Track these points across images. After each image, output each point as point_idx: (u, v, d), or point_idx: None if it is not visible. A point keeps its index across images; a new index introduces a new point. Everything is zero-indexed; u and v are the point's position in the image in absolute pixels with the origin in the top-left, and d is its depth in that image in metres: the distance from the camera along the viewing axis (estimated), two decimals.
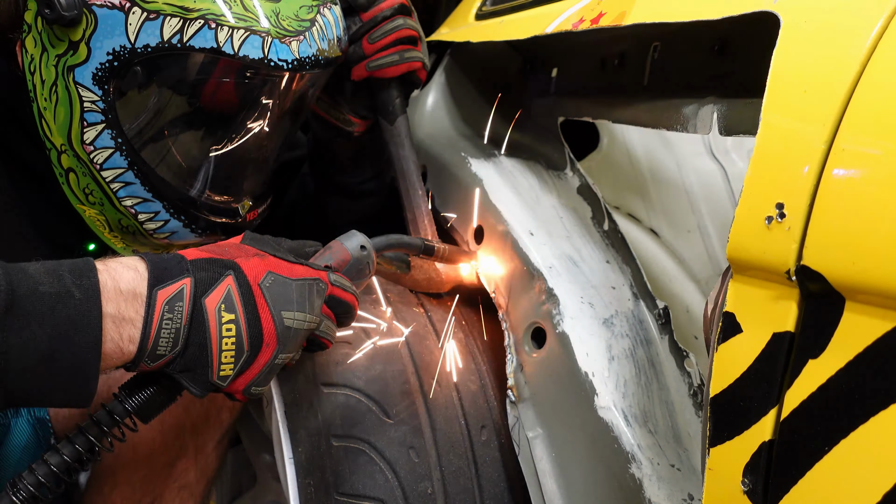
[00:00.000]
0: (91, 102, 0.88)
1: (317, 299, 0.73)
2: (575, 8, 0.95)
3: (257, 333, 0.69)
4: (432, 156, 1.17)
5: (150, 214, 0.96)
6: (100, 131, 0.89)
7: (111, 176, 0.92)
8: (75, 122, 0.89)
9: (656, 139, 1.42)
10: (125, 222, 0.97)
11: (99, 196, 0.94)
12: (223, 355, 0.68)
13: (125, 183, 0.92)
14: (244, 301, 0.68)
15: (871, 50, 0.51)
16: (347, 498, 0.84)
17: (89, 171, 0.91)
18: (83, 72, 0.86)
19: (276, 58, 0.87)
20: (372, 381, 0.91)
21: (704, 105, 0.86)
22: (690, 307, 1.14)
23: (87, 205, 0.96)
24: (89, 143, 0.90)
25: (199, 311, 0.67)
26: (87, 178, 0.93)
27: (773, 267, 0.53)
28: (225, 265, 0.70)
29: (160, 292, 0.66)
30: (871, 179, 0.49)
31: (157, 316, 0.65)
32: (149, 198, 0.94)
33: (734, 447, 0.57)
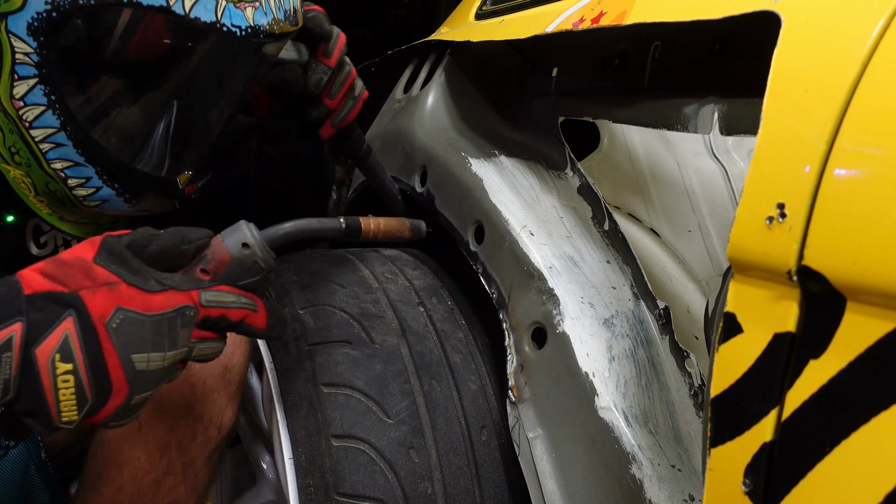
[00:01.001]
0: (24, 54, 0.81)
1: (181, 330, 0.66)
2: (575, 8, 0.95)
3: (103, 381, 0.62)
4: (432, 155, 1.17)
5: (80, 180, 0.89)
6: (31, 86, 0.82)
7: (41, 136, 0.85)
8: (4, 75, 0.82)
9: (657, 139, 1.42)
10: (53, 186, 0.90)
11: (26, 156, 0.87)
12: (62, 405, 0.61)
13: (56, 144, 0.86)
14: (85, 347, 0.61)
15: (872, 49, 0.51)
16: (347, 498, 0.84)
17: (17, 128, 0.85)
18: (17, 20, 0.80)
19: (230, 23, 0.83)
20: (372, 380, 0.91)
21: (705, 105, 0.86)
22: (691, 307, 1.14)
23: (13, 165, 0.89)
24: (19, 98, 0.83)
25: (29, 362, 0.59)
26: (15, 136, 0.86)
27: (773, 267, 0.53)
28: (66, 303, 0.61)
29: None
30: (872, 179, 0.49)
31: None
32: (81, 162, 0.88)
33: (735, 448, 0.57)
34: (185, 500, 0.96)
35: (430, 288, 1.09)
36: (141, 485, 0.91)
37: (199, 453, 0.95)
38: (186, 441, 0.94)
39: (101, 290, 0.62)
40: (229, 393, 0.95)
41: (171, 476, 0.94)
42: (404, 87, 1.42)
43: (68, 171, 0.88)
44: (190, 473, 0.96)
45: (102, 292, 0.62)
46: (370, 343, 0.94)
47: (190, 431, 0.93)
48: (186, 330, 0.66)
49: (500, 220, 0.97)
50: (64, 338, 0.60)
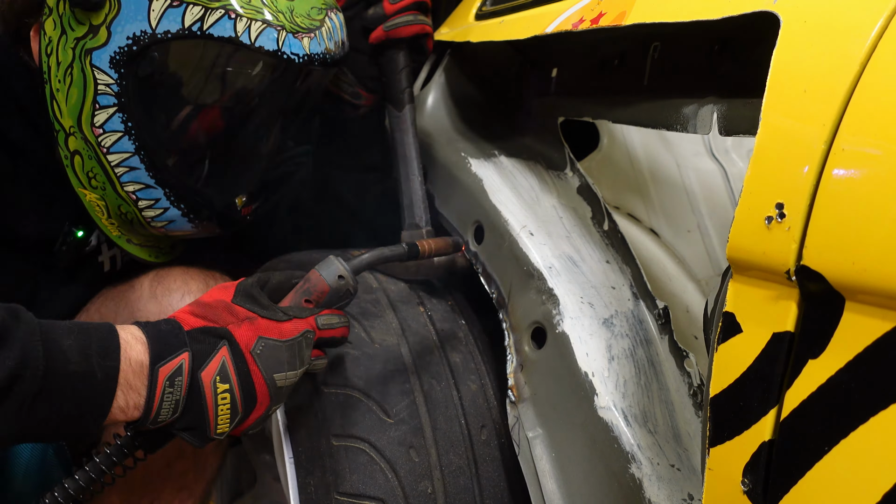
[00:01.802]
0: (105, 85, 0.90)
1: (306, 350, 0.78)
2: (575, 8, 0.95)
3: (251, 397, 0.74)
4: (432, 155, 1.17)
5: (150, 201, 0.97)
6: (111, 114, 0.91)
7: (117, 160, 0.94)
8: (87, 105, 0.91)
9: (656, 139, 1.42)
10: (124, 209, 0.99)
11: (102, 180, 0.96)
12: (219, 419, 0.73)
13: (130, 168, 0.94)
14: (238, 370, 0.73)
15: (871, 50, 0.51)
16: (348, 497, 0.84)
17: (95, 154, 0.94)
18: (101, 55, 0.89)
19: (290, 51, 0.91)
20: (372, 380, 0.91)
21: (704, 105, 0.86)
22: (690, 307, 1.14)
23: (89, 189, 0.98)
24: (99, 125, 0.92)
25: (196, 384, 0.72)
26: (93, 162, 0.95)
27: (772, 267, 0.53)
28: (219, 335, 0.74)
29: (161, 369, 0.70)
30: (871, 180, 0.49)
31: (160, 390, 0.70)
32: (151, 184, 0.96)
33: (734, 447, 0.57)
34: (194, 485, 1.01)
35: (430, 288, 1.09)
36: (152, 467, 0.95)
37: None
38: None
39: (244, 323, 0.75)
40: None
41: (182, 460, 0.99)
42: None
43: (139, 194, 0.96)
44: (200, 458, 1.00)
45: (245, 325, 0.74)
46: (370, 343, 0.94)
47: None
48: (308, 350, 0.78)
49: (500, 220, 0.97)
50: (222, 363, 0.73)
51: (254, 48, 0.89)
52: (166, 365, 0.70)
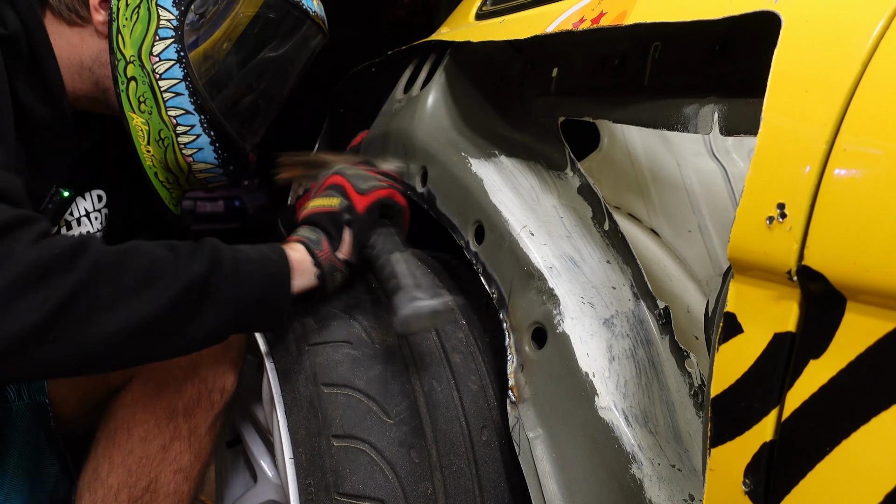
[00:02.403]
0: (167, 20, 1.07)
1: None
2: (575, 8, 0.95)
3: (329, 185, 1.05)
4: (432, 155, 1.17)
5: (186, 127, 1.12)
6: (167, 45, 1.08)
7: (166, 85, 1.09)
8: (149, 37, 1.07)
9: (657, 139, 1.42)
10: (164, 133, 1.12)
11: (150, 105, 1.10)
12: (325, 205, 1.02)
13: (175, 94, 1.09)
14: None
15: (872, 49, 0.51)
16: (348, 498, 0.84)
17: (149, 79, 1.08)
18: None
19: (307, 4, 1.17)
20: (372, 381, 0.91)
21: (705, 105, 0.86)
22: (691, 307, 1.14)
23: (138, 112, 1.10)
24: (156, 54, 1.08)
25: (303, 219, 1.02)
26: (145, 87, 1.09)
27: (774, 267, 0.53)
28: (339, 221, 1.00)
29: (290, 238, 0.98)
30: (872, 180, 0.49)
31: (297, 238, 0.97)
32: (190, 110, 1.11)
33: (735, 448, 0.57)
34: (191, 468, 1.04)
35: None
36: (149, 449, 0.99)
37: (204, 418, 1.03)
38: (192, 405, 1.01)
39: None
40: (231, 358, 1.05)
41: (178, 441, 1.01)
42: (404, 88, 1.42)
43: (179, 119, 1.11)
44: (195, 440, 1.03)
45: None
46: (370, 343, 0.94)
47: (195, 394, 1.01)
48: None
49: (500, 220, 0.97)
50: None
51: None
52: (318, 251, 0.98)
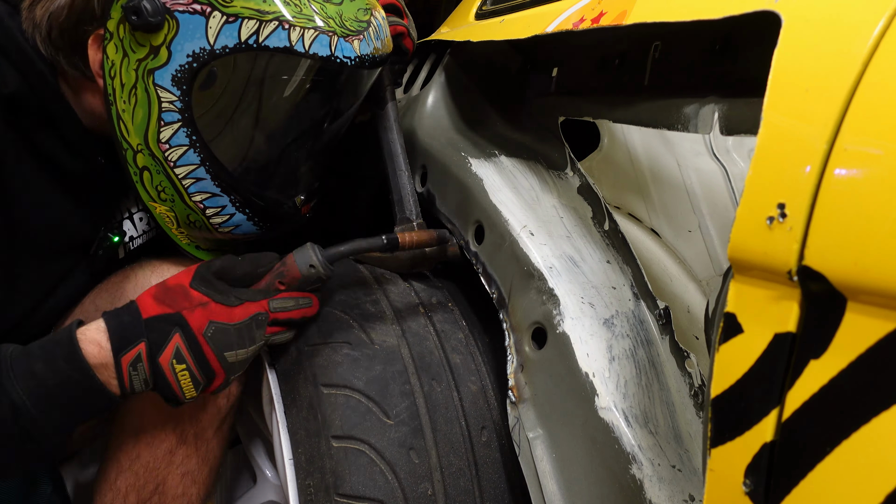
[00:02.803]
0: (169, 103, 0.94)
1: (257, 331, 0.88)
2: (575, 7, 0.94)
3: (208, 370, 0.86)
4: (432, 155, 1.17)
5: (216, 209, 1.03)
6: (175, 130, 0.95)
7: (183, 173, 0.98)
8: (153, 123, 0.95)
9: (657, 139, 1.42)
10: (193, 217, 1.04)
11: (171, 193, 1.01)
12: (184, 388, 0.86)
13: (196, 179, 0.99)
14: (192, 351, 0.85)
15: (872, 49, 0.51)
16: (347, 499, 0.84)
17: (163, 168, 0.98)
18: (163, 74, 0.92)
19: (342, 55, 0.94)
20: (372, 381, 0.90)
21: (705, 105, 0.86)
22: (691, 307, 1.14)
23: (159, 202, 1.02)
24: (165, 141, 0.96)
25: (156, 367, 0.85)
26: (161, 176, 0.99)
27: (774, 267, 0.53)
28: (173, 322, 0.85)
29: (123, 358, 0.83)
30: (873, 180, 0.49)
31: (126, 374, 0.84)
32: (217, 192, 1.01)
33: (735, 448, 0.57)
34: (198, 471, 1.05)
35: (430, 288, 1.09)
36: (156, 453, 1.01)
37: (210, 423, 1.03)
38: (197, 410, 1.02)
39: (197, 309, 0.85)
40: None
41: (185, 445, 1.03)
42: (404, 87, 1.42)
43: (206, 203, 1.02)
44: (201, 444, 1.04)
45: (198, 311, 0.85)
46: (370, 344, 0.94)
47: (201, 400, 1.02)
48: (261, 330, 0.89)
49: (500, 220, 0.96)
50: (176, 347, 0.84)
51: (308, 55, 0.92)
52: (126, 354, 0.83)
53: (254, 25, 0.89)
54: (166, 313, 0.85)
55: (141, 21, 0.88)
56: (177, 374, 0.85)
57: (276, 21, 0.90)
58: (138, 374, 0.84)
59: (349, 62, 0.95)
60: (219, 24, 0.89)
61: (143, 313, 0.85)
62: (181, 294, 0.86)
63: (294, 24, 0.90)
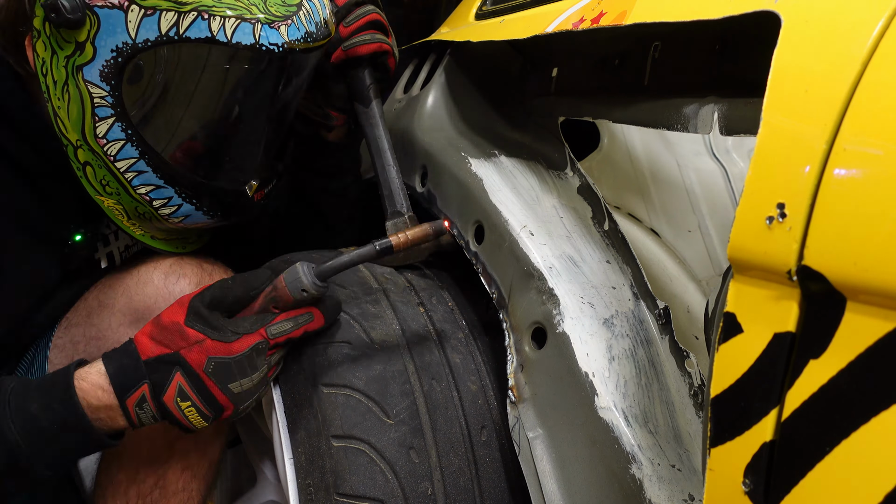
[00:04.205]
0: (100, 98, 0.93)
1: (257, 358, 0.87)
2: (575, 8, 0.95)
3: (214, 404, 0.86)
4: (432, 155, 1.17)
5: (163, 200, 1.01)
6: (110, 125, 0.94)
7: (124, 166, 0.97)
8: (87, 118, 0.94)
9: (657, 139, 1.42)
10: (141, 209, 1.03)
11: (115, 186, 1.00)
12: (192, 421, 0.87)
13: (138, 172, 0.98)
14: (195, 388, 0.85)
15: (872, 49, 0.51)
16: (347, 498, 0.84)
17: (104, 163, 0.97)
18: (91, 70, 0.91)
19: (267, 42, 0.91)
20: (372, 381, 0.91)
21: (705, 105, 0.86)
22: (691, 307, 1.14)
23: (105, 195, 1.01)
24: (102, 136, 0.95)
25: (162, 406, 0.85)
26: (103, 171, 0.98)
27: (773, 267, 0.53)
28: (172, 362, 0.84)
29: (128, 401, 0.85)
30: (872, 179, 0.49)
31: (133, 415, 0.86)
32: (161, 184, 1.00)
33: (735, 448, 0.57)
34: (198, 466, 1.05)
35: (430, 288, 1.09)
36: (155, 447, 1.01)
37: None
38: None
39: (195, 347, 0.85)
40: None
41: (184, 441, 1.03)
42: (404, 87, 1.42)
43: (152, 195, 1.01)
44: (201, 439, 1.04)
45: (196, 349, 0.85)
46: (370, 343, 0.94)
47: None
48: (262, 357, 0.87)
49: (500, 220, 0.97)
50: (179, 386, 0.85)
51: (231, 45, 0.90)
52: (131, 397, 0.85)
53: (173, 17, 0.88)
54: (165, 354, 0.85)
55: (61, 19, 0.87)
56: (183, 411, 0.86)
57: (195, 11, 0.88)
58: (145, 413, 0.86)
59: (276, 49, 0.92)
60: (138, 17, 0.88)
61: (142, 355, 0.85)
62: (177, 333, 0.85)
63: (214, 13, 0.89)
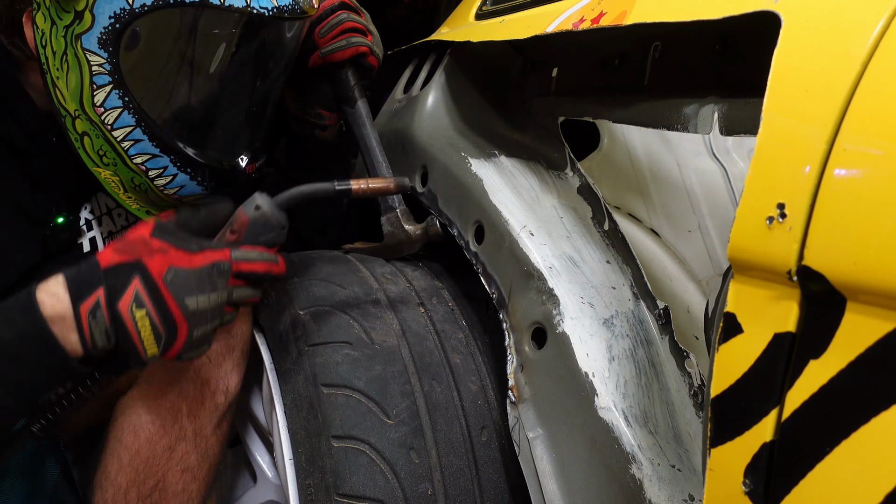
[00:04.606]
0: (98, 66, 0.95)
1: (219, 279, 0.84)
2: (575, 8, 0.95)
3: (168, 319, 0.82)
4: (432, 155, 1.17)
5: (159, 170, 1.03)
6: (108, 92, 0.96)
7: (121, 135, 0.99)
8: (86, 87, 0.96)
9: (657, 139, 1.42)
10: (137, 180, 1.04)
11: (112, 156, 1.01)
12: (145, 342, 0.82)
13: (134, 140, 1.00)
14: (151, 296, 0.81)
15: (872, 49, 0.51)
16: (347, 499, 0.84)
17: (101, 132, 0.99)
18: (89, 38, 0.94)
19: (258, 5, 0.96)
20: (372, 381, 0.91)
21: (705, 105, 0.86)
22: (691, 307, 1.14)
23: (102, 166, 1.03)
24: (99, 104, 0.97)
25: (115, 314, 0.81)
26: (101, 140, 1.00)
27: (774, 267, 0.53)
28: (132, 267, 0.81)
29: (82, 306, 0.80)
30: (872, 179, 0.49)
31: (86, 324, 0.80)
32: (157, 153, 1.01)
33: (735, 448, 0.57)
34: (198, 467, 1.04)
35: (430, 288, 1.09)
36: (156, 449, 1.01)
37: (209, 419, 1.03)
38: (196, 406, 1.02)
39: (157, 255, 0.82)
40: (234, 359, 1.04)
41: (184, 442, 1.03)
42: (404, 87, 1.42)
43: (148, 164, 1.02)
44: (200, 440, 1.03)
45: (157, 257, 0.82)
46: (370, 344, 0.94)
47: (199, 396, 1.02)
48: (223, 279, 0.84)
49: (500, 221, 0.97)
50: (136, 292, 0.81)
51: (224, 8, 0.94)
52: (85, 302, 0.80)
53: None
54: (125, 261, 0.82)
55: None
56: (136, 322, 0.82)
57: None
58: (98, 324, 0.81)
59: (266, 12, 0.96)
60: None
61: (102, 263, 0.83)
62: (140, 243, 0.84)
63: None
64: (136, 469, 1.01)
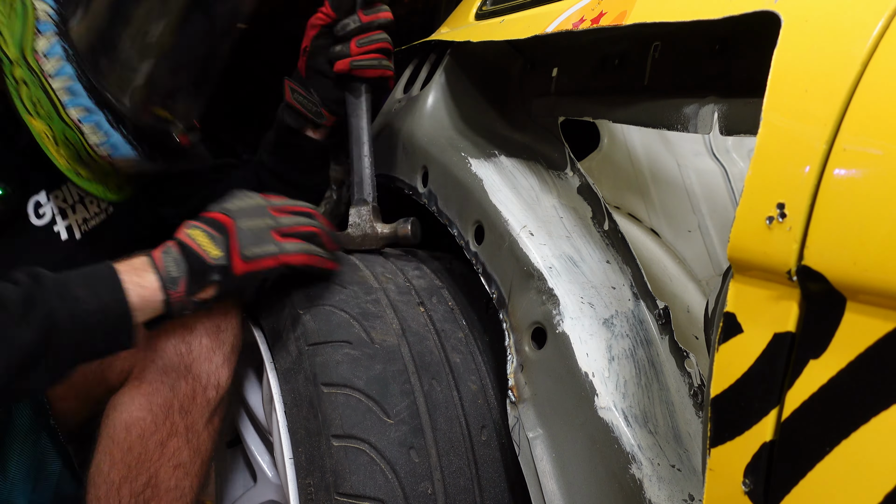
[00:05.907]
0: (43, 12, 0.97)
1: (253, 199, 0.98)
2: (575, 8, 0.95)
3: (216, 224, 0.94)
4: (432, 156, 1.17)
5: (92, 125, 1.03)
6: (50, 40, 0.98)
7: (59, 85, 0.99)
8: (28, 33, 0.97)
9: (657, 139, 1.42)
10: (70, 135, 1.03)
11: (47, 107, 1.01)
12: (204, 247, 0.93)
13: (72, 94, 1.00)
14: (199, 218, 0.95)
15: (872, 49, 0.51)
16: (347, 498, 0.84)
17: (40, 81, 0.99)
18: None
19: None
20: (372, 380, 0.91)
21: (705, 105, 0.86)
22: (691, 307, 1.14)
23: (36, 117, 1.02)
24: (41, 52, 0.98)
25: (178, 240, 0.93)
26: (38, 90, 1.00)
27: (773, 267, 0.53)
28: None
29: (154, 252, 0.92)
30: (872, 179, 0.49)
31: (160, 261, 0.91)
32: (92, 108, 1.02)
33: (735, 448, 0.57)
34: (190, 463, 1.04)
35: (431, 288, 1.09)
36: (147, 445, 1.01)
37: (200, 415, 1.03)
38: (187, 402, 1.02)
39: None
40: (224, 353, 1.04)
41: (176, 438, 1.02)
42: (404, 87, 1.42)
43: (82, 118, 1.02)
44: (192, 436, 1.03)
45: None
46: (370, 343, 0.94)
47: (190, 391, 1.02)
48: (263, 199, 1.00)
49: (500, 221, 0.97)
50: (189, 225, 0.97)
51: None
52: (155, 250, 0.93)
53: None
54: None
55: None
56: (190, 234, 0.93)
57: None
58: (168, 254, 0.92)
59: None
60: None
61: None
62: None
63: None
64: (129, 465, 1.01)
